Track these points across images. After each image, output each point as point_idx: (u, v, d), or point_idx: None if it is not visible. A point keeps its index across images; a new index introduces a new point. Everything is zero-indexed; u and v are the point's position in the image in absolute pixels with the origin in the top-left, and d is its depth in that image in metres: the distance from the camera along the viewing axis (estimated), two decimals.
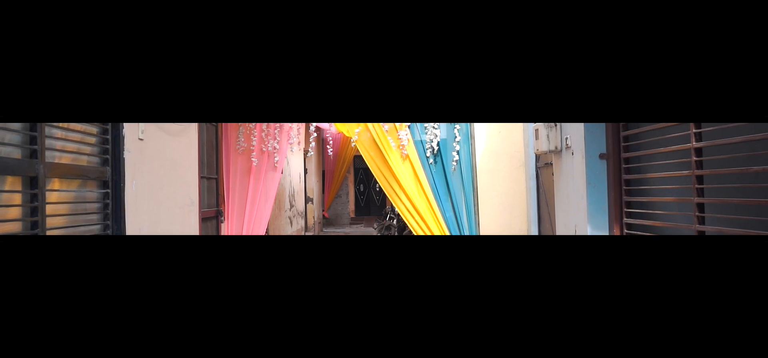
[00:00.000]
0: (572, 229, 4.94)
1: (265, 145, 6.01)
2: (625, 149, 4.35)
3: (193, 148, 4.77)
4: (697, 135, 3.43)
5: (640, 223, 4.20)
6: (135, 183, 3.46)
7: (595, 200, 4.61)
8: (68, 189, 2.90)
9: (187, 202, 4.56)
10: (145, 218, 3.61)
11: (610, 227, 4.52)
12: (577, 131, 4.76)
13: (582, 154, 4.70)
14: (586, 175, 4.65)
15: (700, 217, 3.43)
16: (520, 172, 6.46)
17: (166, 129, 4.06)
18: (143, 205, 3.60)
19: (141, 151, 3.59)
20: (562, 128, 5.15)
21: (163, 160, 4.02)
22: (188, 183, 4.62)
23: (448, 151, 6.15)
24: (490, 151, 6.48)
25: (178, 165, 4.37)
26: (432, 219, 6.08)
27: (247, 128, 5.93)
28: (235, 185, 5.94)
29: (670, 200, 3.96)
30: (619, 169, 4.42)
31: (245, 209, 5.95)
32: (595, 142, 4.60)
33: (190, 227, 4.64)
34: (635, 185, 4.37)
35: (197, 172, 4.86)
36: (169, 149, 4.15)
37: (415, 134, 6.18)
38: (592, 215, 4.60)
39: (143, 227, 3.58)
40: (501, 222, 6.45)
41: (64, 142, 2.84)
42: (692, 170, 3.46)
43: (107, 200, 3.19)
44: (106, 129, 3.18)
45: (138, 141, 3.54)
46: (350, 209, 19.26)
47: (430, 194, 6.12)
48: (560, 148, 5.20)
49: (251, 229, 5.96)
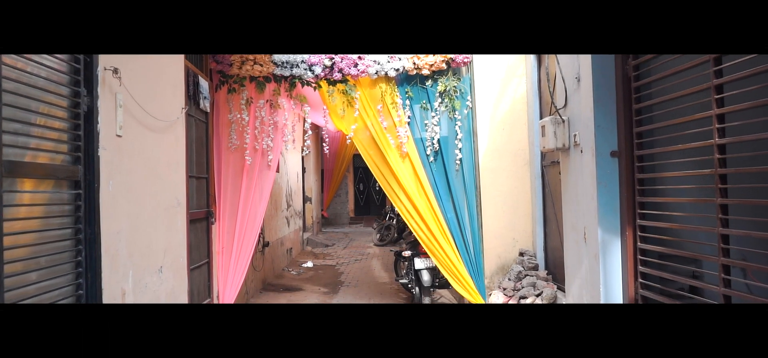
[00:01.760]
0: (581, 231, 4.68)
1: (259, 143, 5.75)
2: (638, 146, 4.09)
3: (180, 145, 4.51)
4: (720, 130, 3.17)
5: (654, 225, 3.93)
6: (112, 183, 3.20)
7: (606, 200, 4.34)
8: (34, 190, 2.63)
9: (173, 203, 4.30)
10: (123, 222, 3.35)
11: (621, 229, 4.26)
12: (587, 127, 4.49)
13: (592, 151, 4.43)
14: (596, 174, 4.38)
15: (724, 219, 3.16)
16: (525, 171, 6.20)
17: (148, 125, 3.80)
18: (122, 206, 3.34)
19: (119, 148, 3.33)
20: (571, 124, 4.88)
21: (146, 158, 3.76)
22: (174, 183, 4.36)
23: (449, 148, 5.88)
24: (493, 149, 6.22)
25: (163, 163, 4.11)
26: (432, 220, 5.81)
27: (239, 125, 5.67)
28: (226, 185, 5.68)
29: (688, 200, 3.70)
30: (632, 167, 4.15)
31: (238, 209, 5.69)
32: (606, 139, 4.34)
33: (177, 230, 4.38)
34: (649, 185, 4.10)
35: (185, 171, 4.60)
36: (152, 146, 3.89)
37: (414, 132, 5.91)
38: (603, 217, 4.33)
39: (121, 231, 3.32)
40: (504, 223, 6.19)
41: (27, 138, 2.57)
42: (715, 169, 3.19)
43: (79, 202, 2.93)
44: (78, 124, 2.92)
45: (115, 137, 3.27)
46: (350, 208, 19.01)
47: (431, 194, 5.85)
48: (568, 146, 4.93)
49: (244, 230, 5.70)
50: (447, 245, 5.78)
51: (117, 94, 3.28)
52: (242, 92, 5.69)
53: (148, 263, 3.77)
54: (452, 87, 5.80)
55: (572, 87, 4.79)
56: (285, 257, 10.41)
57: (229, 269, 5.67)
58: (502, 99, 6.24)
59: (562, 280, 5.40)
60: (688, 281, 3.70)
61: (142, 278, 3.64)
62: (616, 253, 4.32)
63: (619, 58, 4.17)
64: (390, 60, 5.76)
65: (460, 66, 5.86)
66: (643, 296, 4.02)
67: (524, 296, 5.64)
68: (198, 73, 5.14)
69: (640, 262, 4.05)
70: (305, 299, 7.62)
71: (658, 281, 3.95)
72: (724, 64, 3.15)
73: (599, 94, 4.37)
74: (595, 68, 4.36)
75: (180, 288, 4.44)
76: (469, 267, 5.76)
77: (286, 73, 5.74)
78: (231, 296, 5.65)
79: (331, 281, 9.04)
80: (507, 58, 6.25)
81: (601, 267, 4.35)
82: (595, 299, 4.41)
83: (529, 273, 5.90)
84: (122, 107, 3.35)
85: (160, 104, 4.06)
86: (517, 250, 6.18)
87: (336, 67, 5.75)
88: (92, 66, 3.00)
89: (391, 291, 8.05)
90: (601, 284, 4.33)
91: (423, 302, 6.34)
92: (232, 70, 5.62)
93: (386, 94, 5.87)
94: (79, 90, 2.92)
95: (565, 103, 5.01)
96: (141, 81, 3.69)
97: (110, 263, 3.15)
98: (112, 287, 3.17)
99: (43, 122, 2.68)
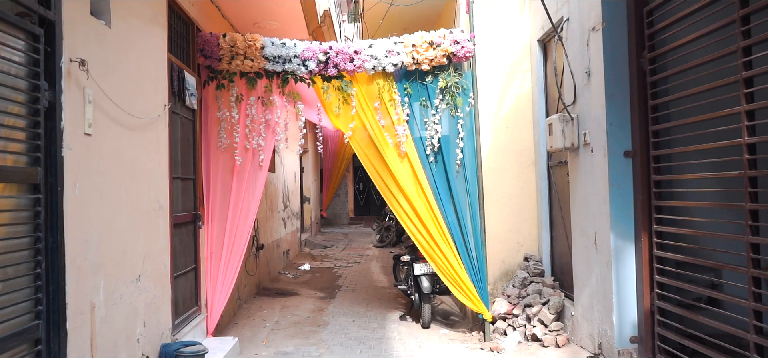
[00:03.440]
0: (591, 236, 4.38)
1: (250, 142, 5.45)
2: (655, 146, 3.79)
3: (163, 144, 4.22)
4: (749, 128, 2.87)
5: (672, 231, 3.63)
6: (79, 186, 2.91)
7: (619, 203, 4.05)
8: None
9: (154, 206, 4.01)
10: (93, 228, 3.06)
11: (636, 235, 3.96)
12: (598, 125, 4.19)
13: (604, 151, 4.13)
14: (608, 176, 4.08)
15: (754, 226, 2.86)
16: (530, 172, 5.90)
17: (124, 122, 3.51)
18: (91, 211, 3.05)
19: (88, 147, 3.04)
20: (580, 122, 4.58)
21: (121, 159, 3.47)
22: (156, 184, 4.07)
23: (450, 148, 5.57)
24: (496, 148, 5.91)
25: (142, 164, 3.82)
26: (433, 223, 5.51)
27: (229, 123, 5.37)
28: (216, 186, 5.38)
29: (712, 205, 3.40)
30: (648, 168, 3.85)
31: (228, 211, 5.39)
32: (619, 138, 4.04)
33: (159, 235, 4.09)
34: (667, 187, 3.81)
35: (167, 172, 4.31)
36: (128, 146, 3.59)
37: (414, 130, 5.60)
38: (616, 221, 4.04)
39: (91, 239, 3.03)
40: (508, 226, 5.89)
41: None
42: (743, 171, 2.90)
43: (39, 208, 2.64)
44: (38, 121, 2.63)
45: (83, 136, 2.98)
46: (349, 208, 18.72)
47: (431, 196, 5.54)
48: (577, 145, 4.63)
49: (235, 233, 5.40)
50: (448, 249, 5.47)
51: (85, 89, 2.99)
52: (232, 89, 5.39)
53: (124, 272, 3.48)
54: (454, 83, 5.49)
55: (582, 82, 4.49)
56: (281, 260, 10.12)
57: (219, 274, 5.37)
58: (506, 96, 5.93)
59: (569, 287, 5.11)
60: (705, 291, 3.41)
61: (116, 289, 3.35)
62: (630, 260, 4.02)
63: (634, 50, 3.87)
64: (388, 54, 5.46)
65: (462, 61, 5.55)
66: (659, 307, 3.73)
67: (530, 304, 5.35)
68: (184, 68, 4.85)
69: (657, 271, 3.75)
70: (301, 304, 7.33)
71: (675, 291, 3.65)
72: (753, 54, 2.85)
73: (612, 90, 4.08)
74: (607, 61, 4.06)
75: (162, 297, 4.14)
76: (471, 273, 5.45)
77: (279, 69, 5.43)
78: (221, 303, 5.36)
79: (328, 285, 8.75)
80: (511, 52, 5.94)
81: (613, 276, 4.06)
82: (608, 310, 4.12)
83: (534, 280, 5.60)
84: (92, 103, 3.06)
85: (138, 100, 3.77)
86: (521, 255, 5.88)
87: (331, 62, 5.45)
88: (54, 57, 2.70)
89: (390, 296, 7.75)
90: (614, 294, 4.03)
91: (422, 309, 6.05)
92: (220, 65, 5.32)
93: (384, 91, 5.57)
94: (39, 83, 2.63)
95: (574, 100, 4.71)
96: (115, 75, 3.39)
97: (76, 274, 2.86)
98: (78, 301, 2.88)
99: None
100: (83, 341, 2.93)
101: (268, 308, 7.10)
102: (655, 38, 3.71)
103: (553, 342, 4.94)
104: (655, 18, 3.68)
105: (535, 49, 5.77)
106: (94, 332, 3.04)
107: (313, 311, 6.98)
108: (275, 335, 5.88)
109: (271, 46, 5.38)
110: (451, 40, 5.44)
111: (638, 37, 3.82)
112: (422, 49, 5.44)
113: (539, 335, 5.05)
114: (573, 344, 4.84)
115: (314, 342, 5.61)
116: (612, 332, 4.04)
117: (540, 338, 5.04)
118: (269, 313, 6.86)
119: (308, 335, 5.86)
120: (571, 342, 4.88)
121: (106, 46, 3.28)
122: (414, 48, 5.45)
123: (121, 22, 3.48)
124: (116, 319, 3.35)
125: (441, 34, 5.45)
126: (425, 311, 6.03)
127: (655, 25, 3.68)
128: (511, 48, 5.95)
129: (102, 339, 3.14)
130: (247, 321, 6.45)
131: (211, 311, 5.29)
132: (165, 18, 4.32)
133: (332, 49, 5.46)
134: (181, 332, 4.54)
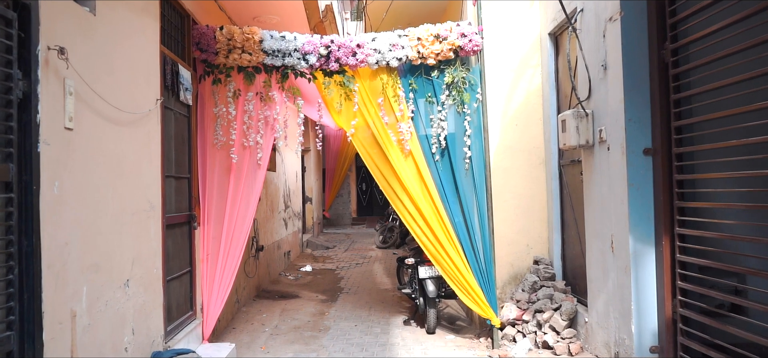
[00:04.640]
0: (607, 239, 4.13)
1: (247, 139, 5.22)
2: (677, 143, 3.54)
3: (154, 141, 4.00)
4: None
5: (697, 234, 3.39)
6: (58, 184, 2.69)
7: (638, 205, 3.80)
8: None
9: (144, 206, 3.79)
10: (73, 230, 2.84)
11: (656, 238, 3.71)
12: (616, 121, 3.95)
13: (621, 148, 3.89)
14: (626, 175, 3.83)
15: None
16: (540, 171, 5.65)
17: (110, 117, 3.29)
18: (72, 212, 2.83)
19: (69, 143, 2.82)
20: (595, 118, 4.34)
21: (106, 156, 3.25)
22: (146, 184, 3.85)
23: (456, 146, 5.33)
24: (504, 147, 5.67)
25: (131, 161, 3.60)
26: (438, 225, 5.27)
27: (225, 120, 5.15)
28: (212, 185, 5.16)
29: (739, 206, 3.16)
30: (670, 167, 3.60)
31: (225, 212, 5.17)
32: (638, 135, 3.79)
33: (149, 237, 3.87)
34: (690, 187, 3.56)
35: (159, 170, 4.09)
36: (116, 142, 3.37)
37: (419, 128, 5.36)
38: (635, 224, 3.79)
39: (71, 241, 2.81)
40: (517, 228, 5.65)
41: None
42: None
43: (11, 208, 2.42)
44: (10, 113, 2.41)
45: (64, 131, 2.77)
46: (352, 208, 18.48)
47: (437, 196, 5.30)
48: (592, 142, 4.38)
49: (232, 235, 5.18)
50: (454, 252, 5.24)
51: (65, 80, 2.77)
52: (229, 83, 5.17)
53: (110, 277, 3.26)
54: (461, 78, 5.25)
55: (597, 76, 4.25)
56: (282, 261, 9.90)
57: (215, 277, 5.15)
58: (516, 91, 5.69)
59: (582, 292, 4.86)
60: (730, 298, 3.17)
61: (101, 295, 3.13)
62: (649, 265, 3.77)
63: (655, 41, 3.62)
64: (392, 48, 5.22)
65: (470, 55, 5.31)
66: (682, 315, 3.48)
67: (540, 310, 5.10)
68: (178, 61, 4.63)
69: (680, 276, 3.50)
70: (302, 308, 7.10)
71: (698, 298, 3.41)
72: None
73: (631, 84, 3.82)
74: (626, 53, 3.81)
75: (153, 303, 3.92)
76: (479, 277, 5.21)
77: (278, 63, 5.20)
78: (217, 307, 5.13)
79: (329, 288, 8.52)
80: (520, 46, 5.70)
81: (632, 281, 3.81)
82: (626, 318, 3.87)
83: (545, 284, 5.36)
84: (73, 95, 2.84)
85: (127, 94, 3.55)
86: (531, 258, 5.63)
87: (332, 56, 5.22)
88: (29, 44, 2.48)
89: (393, 299, 7.52)
90: (633, 301, 3.79)
91: (428, 313, 5.81)
92: (217, 59, 5.09)
93: (388, 87, 5.33)
94: (11, 72, 2.41)
95: (588, 95, 4.46)
96: (101, 66, 3.17)
97: (54, 280, 2.64)
98: (56, 309, 2.66)
99: None
100: (62, 351, 2.71)
101: (268, 312, 6.88)
102: (678, 28, 3.46)
103: (565, 350, 4.70)
104: (678, 6, 3.44)
105: (545, 42, 5.52)
106: (75, 342, 2.82)
107: (314, 314, 6.76)
108: (274, 341, 5.66)
109: (270, 39, 5.15)
110: (458, 33, 5.20)
111: (659, 27, 3.58)
112: (428, 43, 5.20)
113: (551, 342, 4.81)
114: (587, 352, 4.59)
115: (315, 348, 5.39)
116: (630, 341, 3.80)
117: (551, 345, 4.80)
118: (269, 317, 6.64)
119: (308, 341, 5.63)
120: (584, 351, 4.63)
121: (91, 35, 3.06)
122: (419, 41, 5.21)
123: (107, 11, 3.26)
124: (101, 327, 3.12)
125: (447, 27, 5.21)
126: (430, 316, 5.79)
127: (677, 13, 3.44)
128: (520, 42, 5.70)
129: (84, 349, 2.92)
130: (245, 326, 6.23)
131: (207, 316, 5.07)
132: (157, 8, 4.10)
133: (334, 43, 5.24)
134: (174, 338, 4.32)
